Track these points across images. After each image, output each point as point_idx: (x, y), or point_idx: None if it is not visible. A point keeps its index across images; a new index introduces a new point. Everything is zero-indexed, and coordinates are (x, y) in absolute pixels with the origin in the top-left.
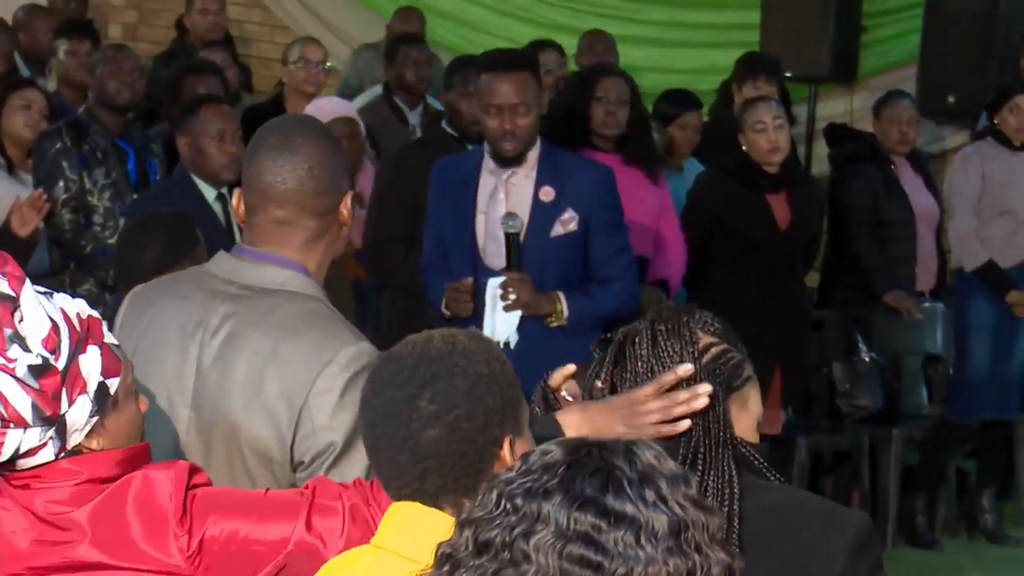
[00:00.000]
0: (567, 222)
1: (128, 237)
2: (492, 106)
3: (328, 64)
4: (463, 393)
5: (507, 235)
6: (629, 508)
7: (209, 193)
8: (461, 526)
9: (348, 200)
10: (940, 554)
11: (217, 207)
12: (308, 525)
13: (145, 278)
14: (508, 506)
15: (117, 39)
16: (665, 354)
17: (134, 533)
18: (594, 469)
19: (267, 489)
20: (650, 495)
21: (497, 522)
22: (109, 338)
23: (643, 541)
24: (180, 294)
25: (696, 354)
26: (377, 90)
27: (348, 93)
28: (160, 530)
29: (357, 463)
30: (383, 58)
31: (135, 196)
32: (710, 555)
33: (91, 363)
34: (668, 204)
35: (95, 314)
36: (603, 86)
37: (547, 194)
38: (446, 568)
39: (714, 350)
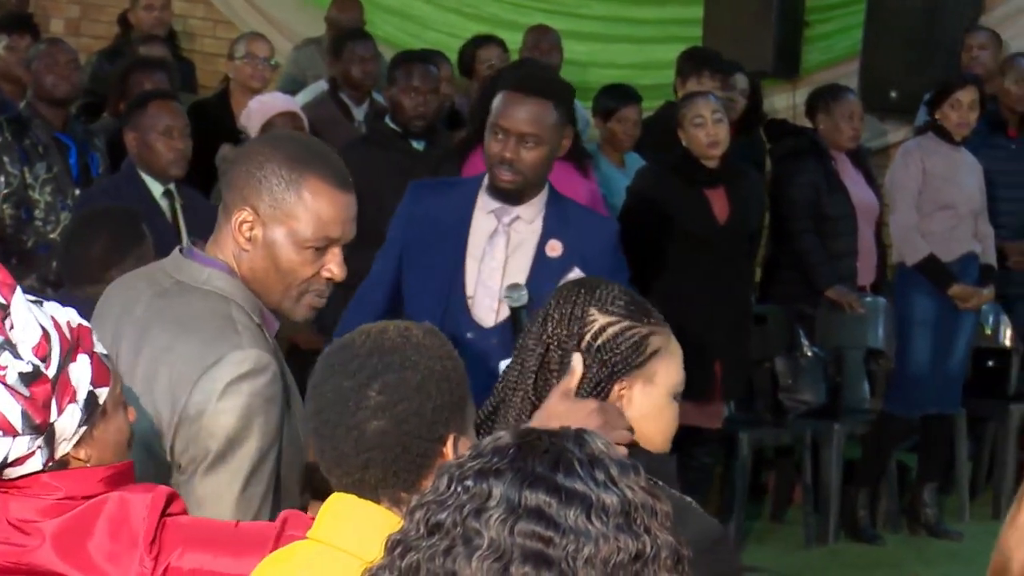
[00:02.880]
0: None
1: (74, 231)
2: (500, 128)
3: (274, 60)
4: (413, 387)
5: (513, 310)
6: (580, 486)
7: (156, 189)
8: (412, 511)
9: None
10: (881, 548)
11: (164, 203)
12: None
13: (90, 273)
14: (459, 488)
15: (60, 34)
16: (554, 342)
17: (98, 551)
18: (544, 450)
19: (237, 522)
20: (600, 475)
21: (448, 503)
22: (99, 348)
23: (593, 518)
24: (128, 284)
25: (579, 338)
26: (322, 85)
27: (290, 88)
28: (126, 552)
29: (235, 470)
30: (325, 53)
31: (78, 191)
32: (659, 537)
33: (81, 372)
34: (598, 197)
35: (85, 323)
36: None
37: (554, 248)
38: (397, 552)
39: (611, 330)
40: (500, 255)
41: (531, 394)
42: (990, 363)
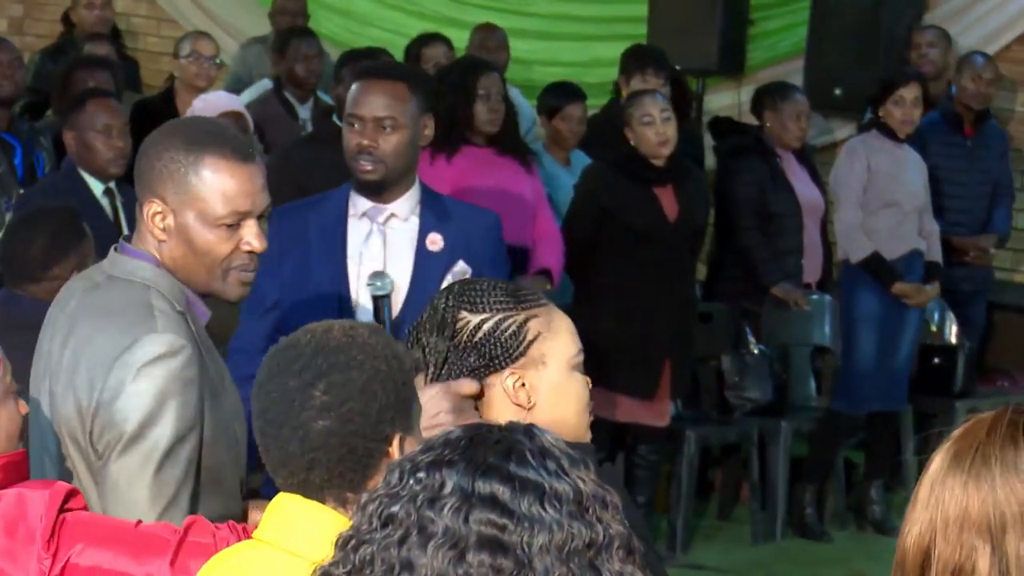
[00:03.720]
0: (460, 275)
1: (14, 231)
2: (354, 117)
3: (219, 59)
4: (358, 387)
5: (375, 298)
6: (532, 475)
7: (97, 187)
8: (363, 506)
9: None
10: (829, 545)
11: (104, 201)
12: (173, 563)
13: (30, 272)
14: (411, 480)
15: (3, 33)
16: (431, 350)
17: None
18: (495, 441)
19: (139, 521)
20: (552, 465)
21: (401, 495)
22: None
23: (547, 505)
24: (70, 284)
25: (453, 342)
26: (266, 84)
27: (237, 87)
28: (24, 550)
29: (148, 451)
30: (270, 52)
31: (22, 191)
32: (611, 527)
33: None
34: (541, 194)
35: None
36: (484, 84)
37: (435, 242)
38: (350, 547)
39: (485, 327)
40: (378, 255)
41: None
42: (936, 360)
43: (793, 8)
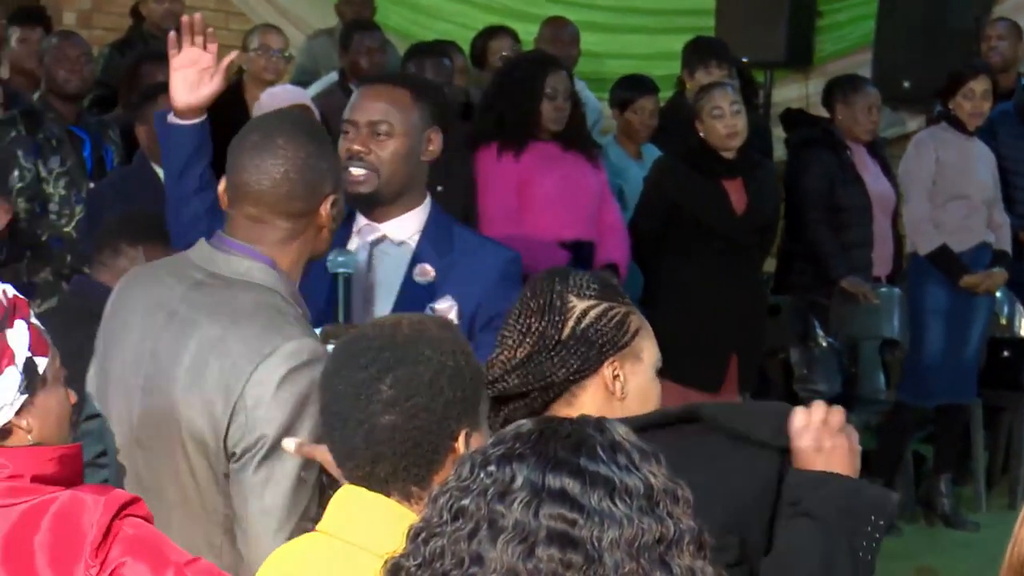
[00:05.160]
0: (445, 312)
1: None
2: (348, 123)
3: (288, 52)
4: (425, 382)
5: (335, 276)
6: (602, 469)
7: None
8: (434, 499)
9: (328, 203)
10: (897, 538)
11: None
12: None
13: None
14: (481, 473)
15: (72, 26)
16: (534, 332)
17: (41, 552)
18: (566, 435)
19: (198, 558)
20: (622, 460)
21: (471, 488)
22: (36, 321)
23: (617, 500)
24: (155, 277)
25: (562, 325)
26: (333, 77)
27: (303, 80)
28: (71, 556)
29: (288, 459)
30: (337, 44)
31: (91, 184)
32: (682, 522)
33: (18, 337)
34: (607, 189)
35: (22, 296)
36: (551, 83)
37: (424, 273)
38: (420, 539)
39: (592, 313)
40: (361, 279)
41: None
42: (1005, 353)
43: (861, 0)
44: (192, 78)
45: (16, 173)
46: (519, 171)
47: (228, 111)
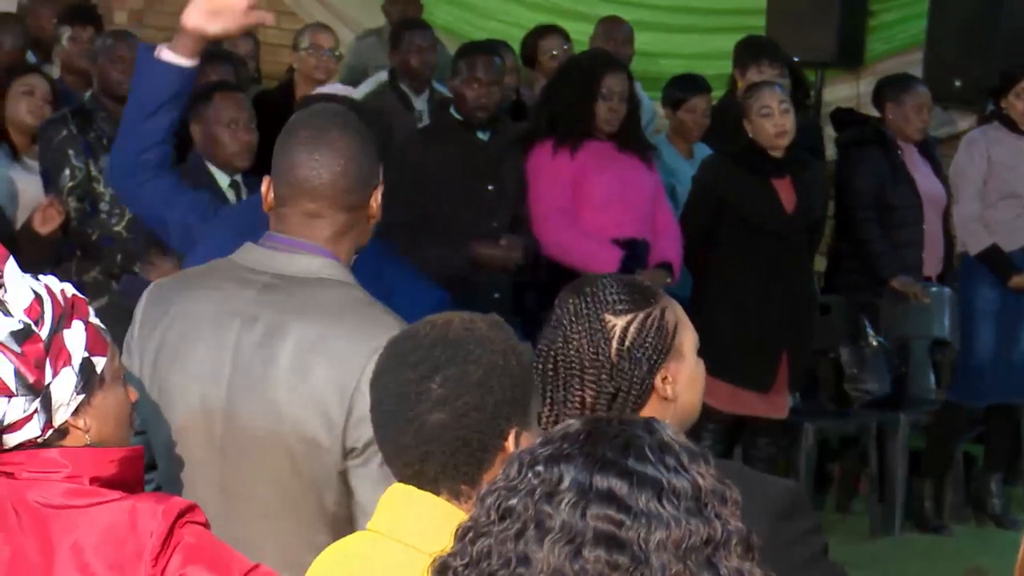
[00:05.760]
0: None
1: None
2: None
3: (338, 51)
4: (475, 381)
5: None
6: (650, 470)
7: (223, 180)
8: (482, 498)
9: (378, 194)
10: (948, 539)
11: (230, 194)
12: None
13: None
14: (529, 473)
15: (123, 25)
16: (582, 363)
17: (97, 560)
18: (614, 436)
19: (259, 564)
20: (670, 461)
21: (519, 488)
22: (95, 320)
23: (664, 501)
24: (208, 285)
25: (611, 352)
26: (383, 76)
27: (352, 79)
28: (130, 565)
29: None
30: (386, 43)
31: None
32: (730, 523)
33: (75, 338)
34: (661, 188)
35: (81, 295)
36: (607, 83)
37: None
38: (468, 538)
39: (633, 328)
40: None
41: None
42: None
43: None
44: (217, 5)
45: (67, 172)
46: (574, 169)
47: (278, 110)
